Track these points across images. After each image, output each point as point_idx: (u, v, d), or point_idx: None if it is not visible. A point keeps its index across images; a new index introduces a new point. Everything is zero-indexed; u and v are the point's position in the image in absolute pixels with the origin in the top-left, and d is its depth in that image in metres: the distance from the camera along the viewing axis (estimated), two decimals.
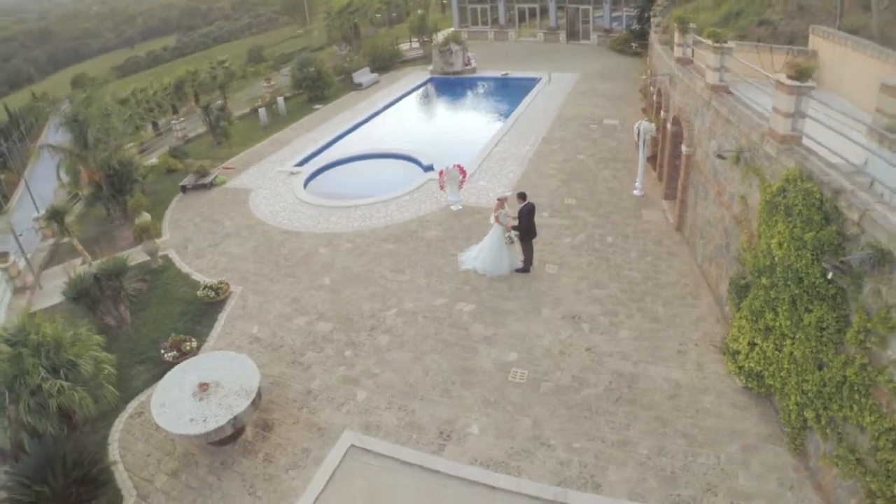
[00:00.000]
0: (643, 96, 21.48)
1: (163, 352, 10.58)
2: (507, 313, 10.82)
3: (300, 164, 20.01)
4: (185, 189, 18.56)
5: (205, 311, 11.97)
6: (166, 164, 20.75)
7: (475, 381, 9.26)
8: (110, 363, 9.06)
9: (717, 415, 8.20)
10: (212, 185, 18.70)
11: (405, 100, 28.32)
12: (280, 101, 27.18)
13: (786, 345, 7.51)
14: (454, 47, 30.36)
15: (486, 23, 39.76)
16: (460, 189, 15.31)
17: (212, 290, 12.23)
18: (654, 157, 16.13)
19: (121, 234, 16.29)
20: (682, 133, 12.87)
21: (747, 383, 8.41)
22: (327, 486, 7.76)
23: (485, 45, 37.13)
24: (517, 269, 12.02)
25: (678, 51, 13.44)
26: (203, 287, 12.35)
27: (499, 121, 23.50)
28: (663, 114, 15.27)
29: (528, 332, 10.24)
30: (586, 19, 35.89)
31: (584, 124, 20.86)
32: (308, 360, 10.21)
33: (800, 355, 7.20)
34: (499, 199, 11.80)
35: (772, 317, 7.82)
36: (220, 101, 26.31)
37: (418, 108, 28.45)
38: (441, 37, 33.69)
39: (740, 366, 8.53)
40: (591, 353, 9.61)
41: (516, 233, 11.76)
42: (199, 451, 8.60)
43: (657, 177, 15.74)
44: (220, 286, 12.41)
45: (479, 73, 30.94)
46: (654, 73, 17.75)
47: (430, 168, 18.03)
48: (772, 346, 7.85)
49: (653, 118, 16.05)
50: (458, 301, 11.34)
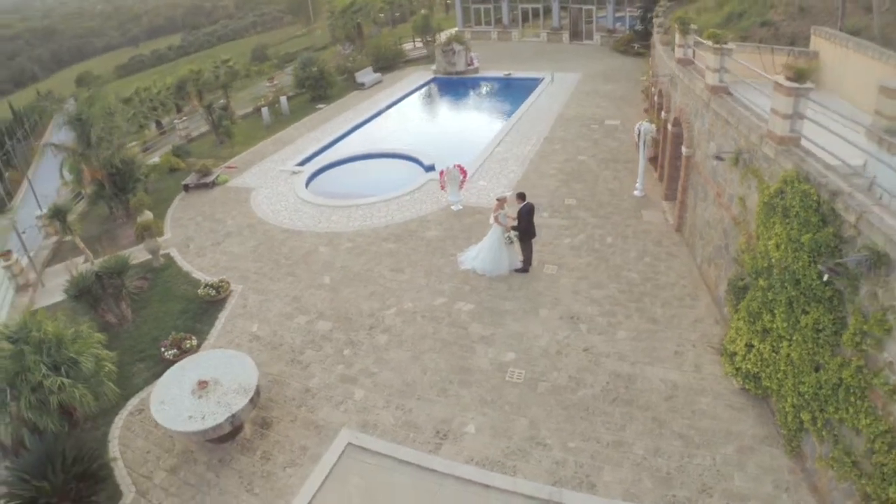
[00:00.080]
0: (645, 97, 21.44)
1: (163, 350, 10.65)
2: (505, 313, 10.85)
3: (302, 163, 20.07)
4: (187, 188, 18.65)
5: (205, 309, 12.04)
6: (169, 162, 20.84)
7: (472, 381, 9.29)
8: (111, 360, 9.12)
9: (714, 416, 8.20)
10: (214, 184, 18.77)
11: (408, 100, 28.33)
12: (283, 100, 27.23)
13: (782, 346, 7.51)
14: (457, 47, 30.36)
15: (489, 23, 39.76)
16: (461, 189, 15.34)
17: (212, 289, 12.30)
18: (656, 158, 16.12)
19: (123, 233, 16.38)
20: (682, 134, 12.86)
21: (744, 385, 8.41)
22: (324, 483, 7.81)
23: (488, 45, 37.12)
24: (516, 270, 12.04)
25: (679, 52, 13.44)
26: (204, 285, 12.42)
27: (501, 121, 23.48)
28: (664, 115, 15.25)
29: (526, 332, 10.26)
30: (590, 19, 35.83)
31: (585, 125, 20.84)
32: (307, 359, 10.26)
33: (796, 357, 7.20)
34: (498, 200, 11.82)
35: (769, 318, 7.82)
36: (222, 100, 26.36)
37: (421, 108, 28.44)
38: (444, 37, 33.68)
39: (737, 367, 8.52)
40: (588, 353, 9.62)
41: (515, 233, 11.77)
42: (198, 448, 8.66)
43: (658, 178, 15.72)
44: (221, 285, 12.48)
45: (482, 73, 30.91)
46: (655, 73, 17.73)
47: (431, 168, 18.04)
48: (769, 348, 7.85)
49: (654, 119, 16.04)
50: (457, 301, 11.36)
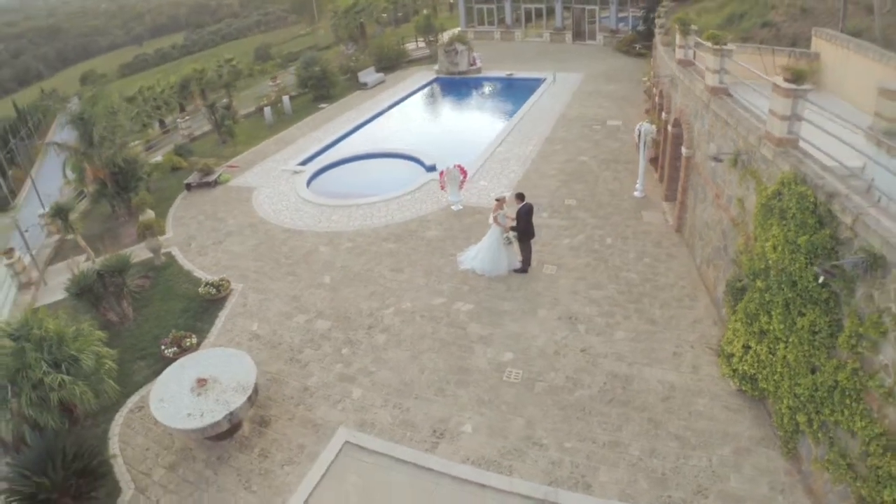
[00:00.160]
0: (647, 97, 21.42)
1: (163, 348, 10.71)
2: (504, 313, 10.87)
3: (303, 162, 20.14)
4: (189, 187, 18.73)
5: (206, 308, 12.10)
6: (171, 162, 20.94)
7: (470, 381, 9.32)
8: (111, 358, 9.18)
9: (711, 417, 8.20)
10: (216, 184, 18.85)
11: (410, 99, 28.38)
12: (285, 99, 27.32)
13: (779, 348, 7.51)
14: (459, 47, 30.39)
15: (492, 23, 39.77)
16: (461, 189, 15.36)
17: (213, 288, 12.36)
18: (657, 159, 16.11)
19: (125, 231, 16.47)
20: (682, 135, 12.85)
21: (741, 386, 8.41)
22: (321, 481, 7.85)
23: (491, 45, 37.15)
24: (515, 270, 12.06)
25: (679, 52, 13.43)
26: (204, 284, 12.48)
27: (503, 121, 23.50)
28: (665, 115, 15.25)
29: (525, 333, 10.28)
30: (592, 20, 35.80)
31: (587, 125, 20.83)
32: (306, 358, 10.31)
33: (792, 359, 7.21)
34: (497, 200, 11.84)
35: (766, 320, 7.82)
36: (225, 99, 26.44)
37: (423, 108, 28.48)
38: (447, 36, 33.71)
39: (734, 368, 8.52)
40: (586, 353, 9.63)
41: (514, 233, 11.80)
42: (197, 445, 8.72)
43: (658, 178, 15.71)
44: (222, 283, 12.54)
45: (485, 73, 30.93)
46: (656, 74, 17.72)
47: (432, 168, 18.07)
48: (765, 350, 7.85)
49: (655, 120, 16.03)
50: (456, 301, 11.39)
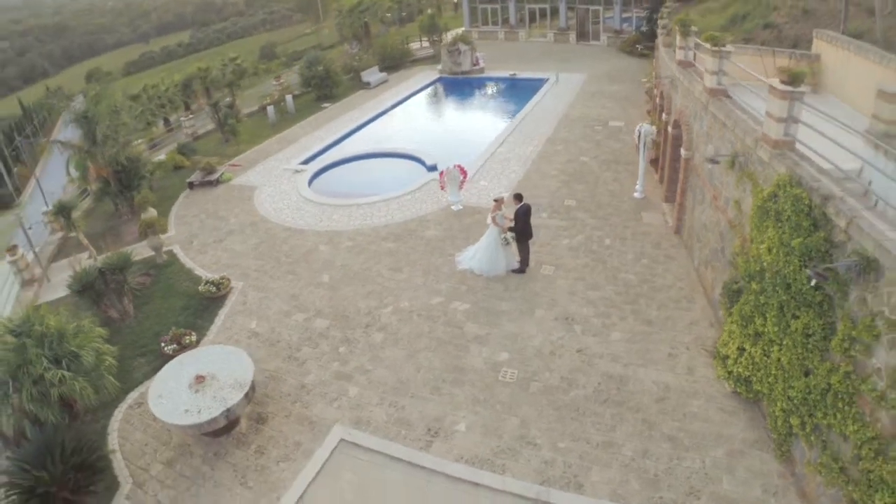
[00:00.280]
0: (649, 98, 21.40)
1: (163, 345, 10.81)
2: (501, 313, 10.91)
3: (305, 161, 20.23)
4: (191, 185, 18.85)
5: (206, 305, 12.20)
6: (174, 160, 21.07)
7: (465, 380, 9.36)
8: (112, 355, 9.28)
9: (705, 419, 8.22)
10: (218, 182, 18.96)
11: (413, 99, 28.44)
12: (289, 98, 27.40)
13: (773, 351, 7.52)
14: (462, 47, 30.41)
15: (496, 23, 39.77)
16: (461, 189, 15.40)
17: (213, 286, 12.46)
18: (657, 160, 16.10)
19: (127, 229, 16.60)
20: (682, 136, 12.84)
21: (736, 388, 8.42)
22: (316, 478, 7.92)
23: (495, 45, 37.15)
24: (513, 270, 12.09)
25: (680, 54, 13.42)
26: (205, 282, 12.58)
27: (505, 121, 23.52)
28: (665, 116, 15.23)
29: (521, 333, 10.31)
30: (596, 20, 35.75)
31: (588, 125, 20.82)
32: (303, 356, 10.38)
33: (786, 361, 7.21)
34: (495, 201, 11.88)
35: (760, 322, 7.82)
36: (228, 98, 26.57)
37: (426, 108, 28.53)
38: (451, 36, 33.74)
39: (729, 370, 8.53)
40: (581, 354, 9.66)
41: (512, 234, 11.83)
42: (194, 441, 8.80)
43: (658, 180, 15.71)
44: (222, 282, 12.63)
45: (488, 73, 30.95)
46: (658, 75, 17.70)
47: (433, 168, 18.11)
48: (760, 352, 7.85)
49: (656, 121, 16.02)
50: (454, 300, 11.43)
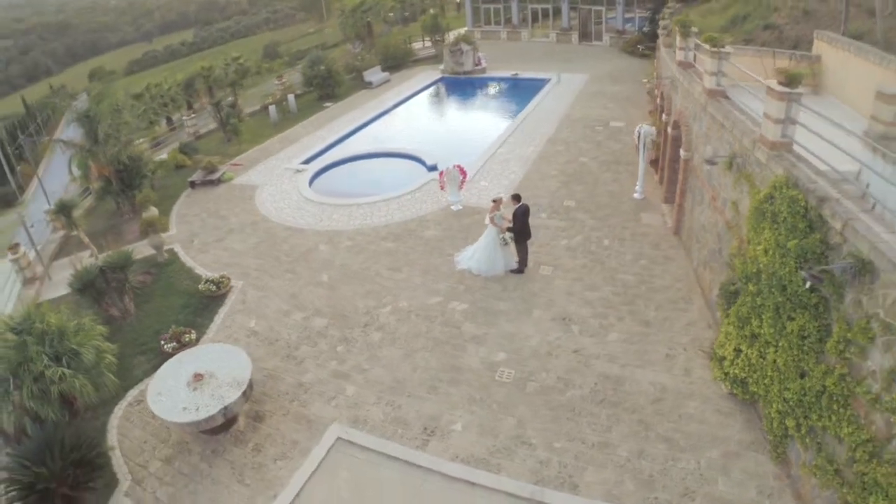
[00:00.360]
0: (650, 99, 21.37)
1: (163, 343, 10.88)
2: (498, 313, 10.93)
3: (307, 161, 20.29)
4: (193, 185, 18.94)
5: (206, 304, 12.26)
6: (176, 159, 21.16)
7: (462, 380, 9.39)
8: (112, 352, 9.35)
9: (701, 420, 8.22)
10: (220, 182, 19.03)
11: (414, 99, 28.46)
12: (291, 98, 27.47)
13: (769, 352, 7.52)
14: (464, 47, 30.41)
15: (499, 23, 39.75)
16: (460, 189, 15.43)
17: (213, 285, 12.52)
18: (657, 161, 16.09)
19: (129, 228, 16.68)
20: (681, 137, 12.84)
21: (732, 390, 8.42)
22: (313, 476, 7.97)
23: (497, 45, 37.14)
24: (511, 270, 12.11)
25: (680, 54, 13.42)
26: (205, 281, 12.64)
27: (506, 121, 23.53)
28: (665, 117, 15.23)
29: (518, 333, 10.34)
30: (599, 20, 35.70)
31: (590, 126, 20.80)
32: (302, 355, 10.43)
33: (782, 363, 7.21)
34: (494, 201, 11.91)
35: (757, 324, 7.83)
36: (230, 97, 26.64)
37: (427, 108, 28.55)
38: (453, 36, 33.75)
39: (726, 372, 8.53)
40: (578, 354, 9.68)
41: (511, 234, 11.85)
42: (192, 439, 8.86)
43: (658, 180, 15.70)
44: (222, 280, 12.70)
45: (490, 73, 30.94)
46: (659, 75, 17.69)
47: (433, 168, 18.13)
48: (756, 353, 7.86)
49: (656, 121, 16.01)
50: (452, 300, 11.46)
